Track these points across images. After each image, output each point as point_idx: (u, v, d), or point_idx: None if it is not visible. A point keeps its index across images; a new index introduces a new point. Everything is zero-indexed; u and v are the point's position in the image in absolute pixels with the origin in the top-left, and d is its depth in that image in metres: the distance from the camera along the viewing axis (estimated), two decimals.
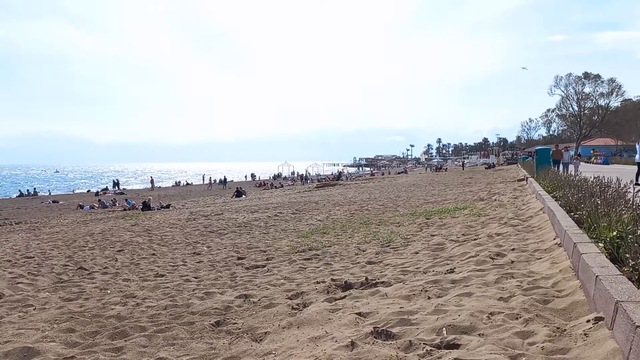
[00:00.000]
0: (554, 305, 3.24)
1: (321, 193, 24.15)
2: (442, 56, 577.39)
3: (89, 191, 49.60)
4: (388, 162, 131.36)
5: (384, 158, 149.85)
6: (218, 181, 54.50)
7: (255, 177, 69.37)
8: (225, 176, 56.78)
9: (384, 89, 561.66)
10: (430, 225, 9.07)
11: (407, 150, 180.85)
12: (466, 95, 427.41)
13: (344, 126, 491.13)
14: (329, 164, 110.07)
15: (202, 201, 28.27)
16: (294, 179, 64.40)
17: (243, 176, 74.91)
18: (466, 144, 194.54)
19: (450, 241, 6.88)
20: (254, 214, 14.38)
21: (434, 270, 5.10)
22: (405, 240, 7.74)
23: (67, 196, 42.97)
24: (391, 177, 47.55)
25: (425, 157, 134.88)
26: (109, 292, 5.88)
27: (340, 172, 72.38)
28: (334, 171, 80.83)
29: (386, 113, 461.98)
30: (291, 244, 8.76)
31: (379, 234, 8.72)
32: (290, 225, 11.55)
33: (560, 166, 20.09)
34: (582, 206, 5.61)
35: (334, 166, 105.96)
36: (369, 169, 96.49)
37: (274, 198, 23.33)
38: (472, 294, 3.75)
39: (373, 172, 77.02)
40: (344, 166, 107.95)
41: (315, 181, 50.93)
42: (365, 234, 9.03)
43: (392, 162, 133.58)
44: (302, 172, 71.88)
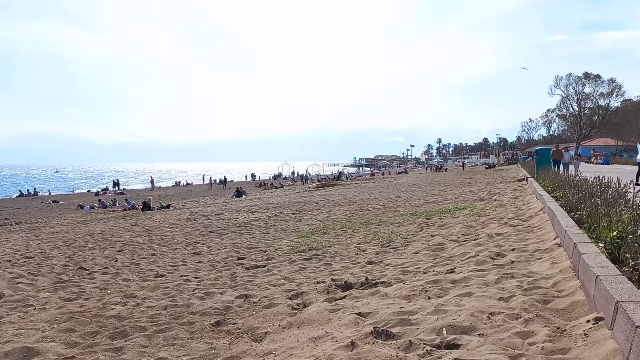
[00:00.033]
0: (554, 306, 3.24)
1: (321, 193, 24.15)
2: (442, 56, 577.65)
3: (89, 191, 49.65)
4: (388, 162, 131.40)
5: (384, 158, 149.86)
6: (218, 181, 54.53)
7: (256, 177, 69.38)
8: (226, 176, 56.81)
9: (384, 89, 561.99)
10: (431, 225, 9.07)
11: (407, 150, 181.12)
12: (466, 95, 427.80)
13: (344, 126, 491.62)
14: (329, 164, 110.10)
15: (202, 201, 28.28)
16: (294, 179, 64.42)
17: (243, 176, 74.93)
18: (466, 144, 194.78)
19: (451, 241, 6.88)
20: (254, 214, 14.38)
21: (434, 270, 5.10)
22: (405, 240, 7.74)
23: (67, 196, 42.99)
24: (391, 177, 47.56)
25: (426, 157, 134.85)
26: (109, 292, 5.88)
27: (341, 172, 72.41)
28: (334, 171, 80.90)
29: (386, 113, 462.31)
30: (291, 244, 8.76)
31: (379, 234, 8.72)
32: (291, 225, 11.55)
33: (560, 166, 20.09)
34: (582, 206, 5.61)
35: (334, 166, 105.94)
36: (369, 169, 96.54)
37: (274, 198, 23.33)
38: (472, 294, 3.75)
39: (373, 172, 77.04)
40: (344, 166, 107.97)
41: (315, 181, 50.95)
42: (366, 234, 9.03)
43: (392, 162, 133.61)
44: (302, 172, 71.92)
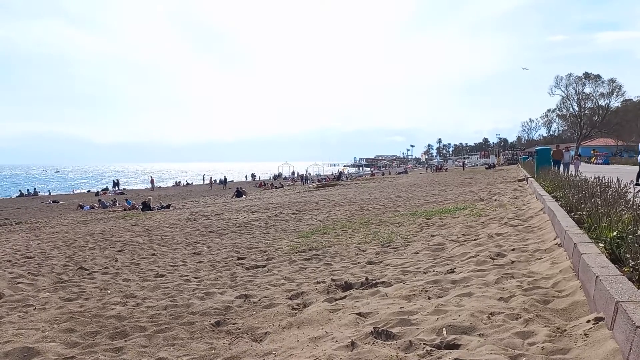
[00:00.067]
0: (554, 306, 3.24)
1: (321, 193, 24.15)
2: (442, 56, 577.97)
3: (89, 191, 49.67)
4: (388, 162, 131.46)
5: (384, 158, 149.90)
6: (218, 181, 54.54)
7: (256, 177, 69.38)
8: (226, 176, 56.81)
9: (384, 89, 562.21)
10: (431, 225, 9.07)
11: (408, 150, 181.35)
12: (466, 95, 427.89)
13: (344, 126, 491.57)
14: (329, 164, 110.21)
15: (202, 201, 28.27)
16: (294, 179, 64.43)
17: (243, 176, 74.90)
18: (466, 144, 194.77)
19: (451, 241, 6.88)
20: (254, 214, 14.38)
21: (434, 271, 5.09)
22: (405, 241, 7.74)
23: (67, 196, 43.00)
24: (391, 177, 47.56)
25: (426, 157, 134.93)
26: (109, 292, 5.88)
27: (341, 172, 72.43)
28: (334, 171, 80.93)
29: (386, 113, 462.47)
30: (291, 244, 8.76)
31: (379, 234, 8.72)
32: (291, 226, 11.55)
33: (560, 166, 20.09)
34: (582, 206, 5.61)
35: (334, 166, 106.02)
36: (369, 169, 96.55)
37: (274, 198, 23.33)
38: (472, 294, 3.75)
39: (373, 172, 77.07)
40: (344, 166, 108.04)
41: (315, 181, 50.95)
42: (366, 234, 9.02)
43: (393, 162, 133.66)
44: (302, 172, 71.94)
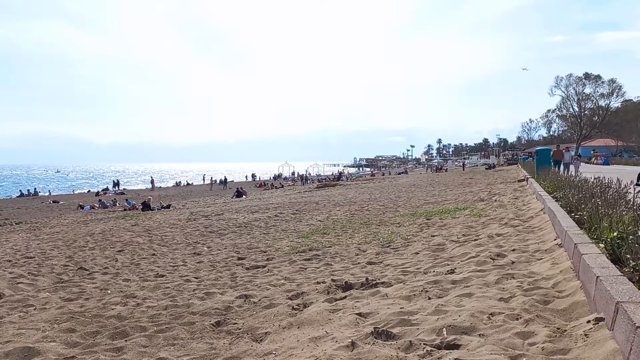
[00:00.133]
0: (554, 306, 3.24)
1: (321, 193, 24.15)
2: (442, 56, 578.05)
3: (89, 191, 49.69)
4: (388, 163, 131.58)
5: (384, 158, 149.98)
6: (218, 181, 54.53)
7: (256, 177, 69.39)
8: (226, 176, 56.81)
9: (384, 89, 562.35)
10: (431, 225, 9.07)
11: (408, 150, 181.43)
12: (466, 96, 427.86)
13: (345, 126, 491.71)
14: (329, 164, 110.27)
15: (203, 201, 28.27)
16: (294, 179, 64.44)
17: (243, 176, 74.91)
18: (466, 144, 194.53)
19: (451, 242, 6.88)
20: (254, 214, 14.38)
21: (434, 271, 5.09)
22: (405, 241, 7.74)
23: (67, 196, 43.01)
24: (391, 177, 47.56)
25: (426, 157, 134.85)
26: (109, 292, 5.88)
27: (341, 172, 72.45)
28: (334, 171, 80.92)
29: (386, 113, 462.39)
30: (291, 244, 8.76)
31: (379, 235, 8.72)
32: (291, 226, 11.55)
33: (561, 166, 20.09)
34: (582, 207, 5.61)
35: (335, 166, 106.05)
36: (369, 170, 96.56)
37: (275, 198, 23.33)
38: (472, 294, 3.75)
39: (373, 172, 77.08)
40: (345, 166, 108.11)
41: (315, 181, 50.95)
42: (366, 234, 9.02)
43: (393, 163, 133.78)
44: (302, 173, 71.95)
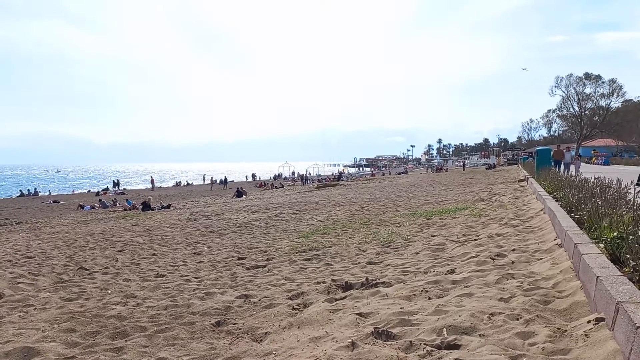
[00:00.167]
0: (554, 306, 3.24)
1: (322, 193, 24.15)
2: (442, 56, 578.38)
3: (89, 191, 49.69)
4: (388, 163, 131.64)
5: (384, 158, 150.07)
6: (219, 181, 54.51)
7: (256, 177, 69.39)
8: (226, 176, 56.80)
9: (384, 89, 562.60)
10: (431, 225, 9.07)
11: (408, 150, 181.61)
12: (466, 95, 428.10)
13: (345, 127, 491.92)
14: (329, 164, 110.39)
15: (203, 201, 28.27)
16: (294, 179, 64.45)
17: (244, 176, 74.91)
18: (467, 144, 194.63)
19: (451, 242, 6.88)
20: (254, 214, 14.38)
21: (434, 271, 5.09)
22: (405, 241, 7.74)
23: (67, 196, 43.02)
24: (392, 177, 47.55)
25: (426, 157, 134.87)
26: (109, 292, 5.88)
27: (341, 172, 72.44)
28: (334, 171, 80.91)
29: (386, 113, 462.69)
30: (292, 244, 8.76)
31: (379, 235, 8.72)
32: (291, 226, 11.55)
33: (561, 166, 20.09)
34: (582, 207, 5.61)
35: (335, 166, 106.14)
36: (369, 170, 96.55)
37: (275, 198, 23.33)
38: (472, 294, 3.75)
39: (373, 172, 77.09)
40: (345, 166, 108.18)
41: (315, 181, 50.94)
42: (366, 234, 9.02)
43: (393, 163, 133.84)
44: (302, 173, 71.95)
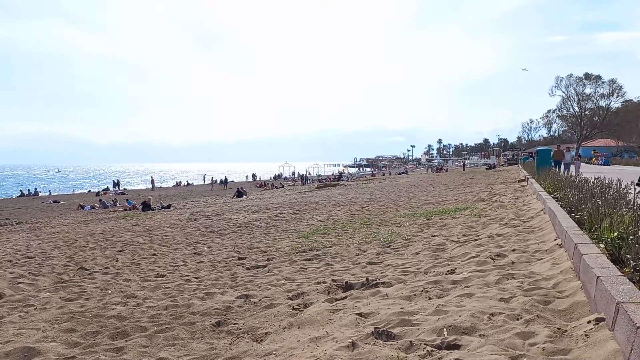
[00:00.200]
0: (554, 306, 3.24)
1: (322, 193, 24.14)
2: (442, 56, 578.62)
3: (89, 191, 49.70)
4: (389, 163, 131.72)
5: (384, 158, 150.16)
6: (219, 181, 54.51)
7: (256, 177, 69.39)
8: (226, 176, 56.80)
9: (384, 89, 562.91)
10: (431, 225, 9.07)
11: (408, 150, 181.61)
12: (466, 96, 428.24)
13: (345, 127, 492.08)
14: (329, 164, 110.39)
15: (203, 201, 28.27)
16: (294, 179, 64.45)
17: (244, 176, 74.92)
18: (467, 144, 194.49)
19: (451, 242, 6.88)
20: (254, 214, 14.38)
21: (434, 271, 5.09)
22: (406, 241, 7.74)
23: (67, 196, 43.02)
24: (392, 177, 47.55)
25: (426, 157, 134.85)
26: (109, 292, 5.88)
27: (341, 172, 72.44)
28: (334, 172, 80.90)
29: (386, 113, 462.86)
30: (292, 244, 8.76)
31: (379, 235, 8.72)
32: (291, 226, 11.55)
33: (561, 166, 20.09)
34: (583, 207, 5.61)
35: (335, 167, 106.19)
36: (369, 170, 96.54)
37: (275, 198, 23.33)
38: (472, 294, 3.75)
39: (374, 172, 77.10)
40: (345, 167, 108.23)
41: (316, 181, 50.93)
42: (366, 234, 9.02)
43: (393, 163, 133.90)
44: (302, 173, 71.96)
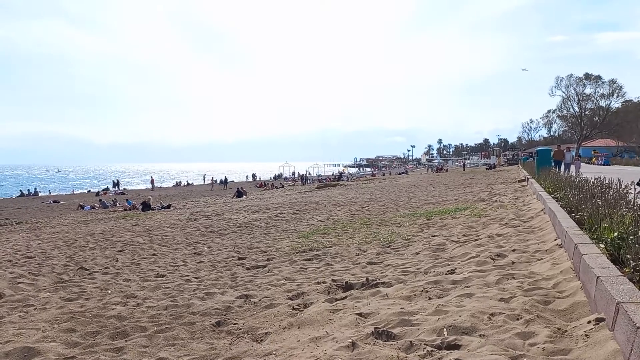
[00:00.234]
0: (554, 306, 3.24)
1: (322, 193, 24.14)
2: (442, 56, 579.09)
3: (89, 191, 49.69)
4: (389, 163, 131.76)
5: (384, 159, 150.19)
6: (219, 181, 54.51)
7: (256, 177, 69.39)
8: (226, 176, 56.80)
9: (384, 89, 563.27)
10: (431, 225, 9.06)
11: (408, 150, 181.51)
12: (466, 96, 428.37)
13: (345, 127, 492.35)
14: (329, 164, 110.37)
15: (203, 201, 28.27)
16: (294, 179, 64.45)
17: (244, 176, 74.90)
18: (467, 144, 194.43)
19: (451, 242, 6.88)
20: (254, 214, 14.37)
21: (434, 271, 5.09)
22: (406, 241, 7.74)
23: (67, 196, 43.02)
24: (392, 177, 47.55)
25: (426, 157, 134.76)
26: (109, 292, 5.88)
27: (341, 172, 72.42)
28: (334, 172, 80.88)
29: (386, 113, 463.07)
30: (292, 244, 8.76)
31: (379, 235, 8.72)
32: (291, 226, 11.55)
33: (561, 167, 20.09)
34: (583, 207, 5.60)
35: (335, 167, 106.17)
36: (369, 170, 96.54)
37: (275, 198, 23.32)
38: (473, 294, 3.75)
39: (374, 172, 77.11)
40: (345, 167, 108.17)
41: (316, 181, 50.92)
42: (366, 234, 9.02)
43: (393, 163, 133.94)
44: (302, 173, 71.96)
